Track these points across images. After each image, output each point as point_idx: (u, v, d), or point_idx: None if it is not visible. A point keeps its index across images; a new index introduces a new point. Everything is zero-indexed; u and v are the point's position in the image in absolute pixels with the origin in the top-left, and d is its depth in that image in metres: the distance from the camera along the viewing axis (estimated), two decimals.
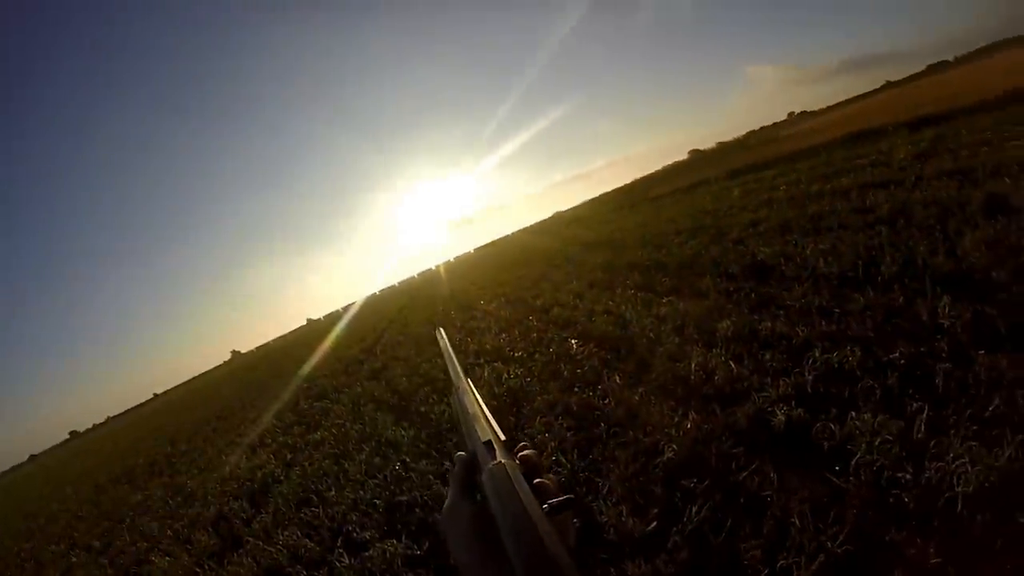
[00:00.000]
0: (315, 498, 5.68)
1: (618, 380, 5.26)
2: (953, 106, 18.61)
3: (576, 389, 5.51)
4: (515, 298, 13.11)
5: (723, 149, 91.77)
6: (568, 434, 4.53)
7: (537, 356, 7.28)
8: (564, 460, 4.05)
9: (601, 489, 3.57)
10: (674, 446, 3.71)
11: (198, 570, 5.37)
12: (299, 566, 4.40)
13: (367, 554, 4.06)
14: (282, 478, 7.07)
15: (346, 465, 6.18)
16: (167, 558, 6.09)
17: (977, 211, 6.35)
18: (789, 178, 15.93)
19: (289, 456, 7.94)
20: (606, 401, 4.94)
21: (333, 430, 7.98)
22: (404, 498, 4.60)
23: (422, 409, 7.07)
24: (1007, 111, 14.27)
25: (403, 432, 6.37)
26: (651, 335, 6.21)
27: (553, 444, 4.36)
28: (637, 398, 4.72)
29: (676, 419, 4.08)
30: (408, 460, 5.44)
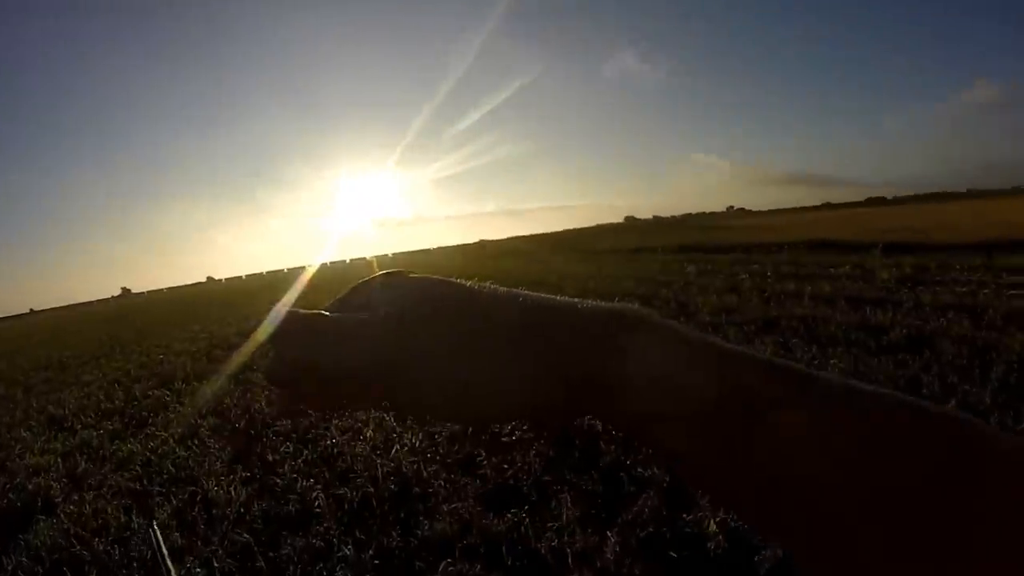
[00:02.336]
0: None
1: None
2: (925, 239, 17.66)
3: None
4: None
5: (660, 223, 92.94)
6: None
7: None
8: None
9: None
10: None
11: None
12: None
13: None
14: (58, 499, 4.54)
15: (135, 523, 3.66)
16: None
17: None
18: (750, 268, 14.36)
19: (81, 467, 5.24)
20: None
21: (151, 445, 5.35)
22: None
23: (271, 458, 4.61)
24: (993, 258, 13.03)
25: (236, 491, 3.88)
26: None
27: None
28: None
29: None
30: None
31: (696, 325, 7.74)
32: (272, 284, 63.15)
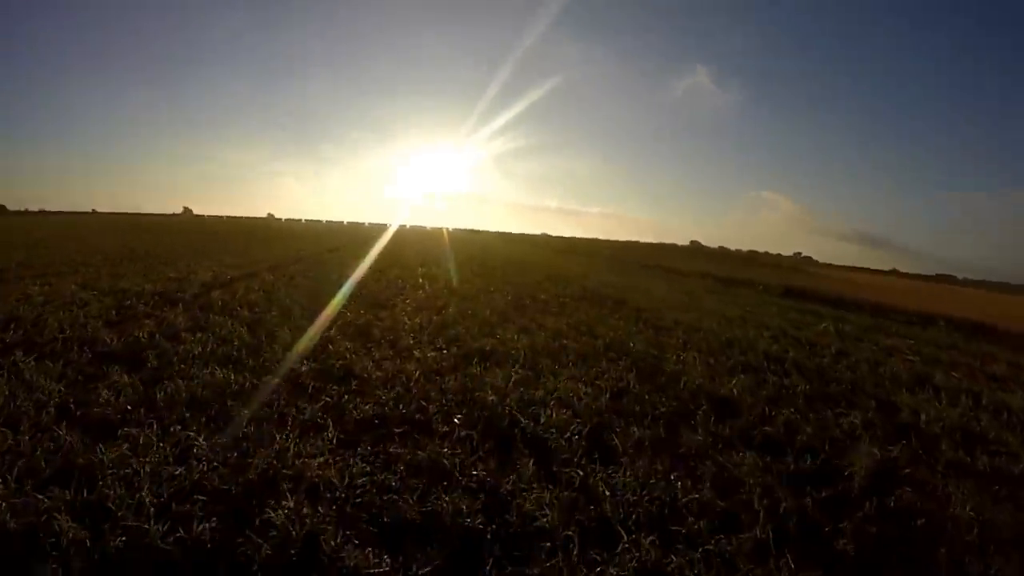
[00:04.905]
0: None
1: None
2: None
3: None
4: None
5: (727, 255, 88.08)
6: None
7: None
8: None
9: None
10: None
11: None
12: None
13: None
14: None
15: None
16: None
17: None
18: (905, 343, 10.58)
19: None
20: None
21: None
22: None
23: None
24: None
25: None
26: None
27: None
28: None
29: None
30: None
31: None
32: (326, 232, 61.09)
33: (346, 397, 4.70)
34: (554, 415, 4.44)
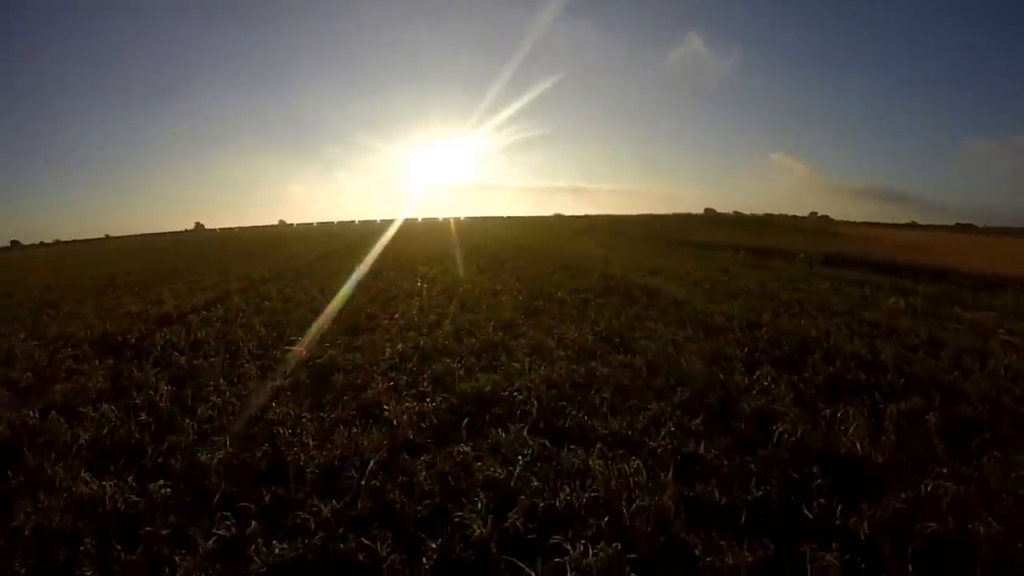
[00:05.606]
0: None
1: None
2: None
3: None
4: None
5: (742, 220, 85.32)
6: None
7: None
8: None
9: None
10: None
11: None
12: None
13: None
14: None
15: None
16: None
17: None
18: (990, 316, 8.63)
19: None
20: None
21: None
22: None
23: None
24: None
25: None
26: None
27: None
28: None
29: None
30: None
31: None
32: (329, 234, 59.54)
33: (254, 524, 2.96)
34: (591, 549, 2.58)
